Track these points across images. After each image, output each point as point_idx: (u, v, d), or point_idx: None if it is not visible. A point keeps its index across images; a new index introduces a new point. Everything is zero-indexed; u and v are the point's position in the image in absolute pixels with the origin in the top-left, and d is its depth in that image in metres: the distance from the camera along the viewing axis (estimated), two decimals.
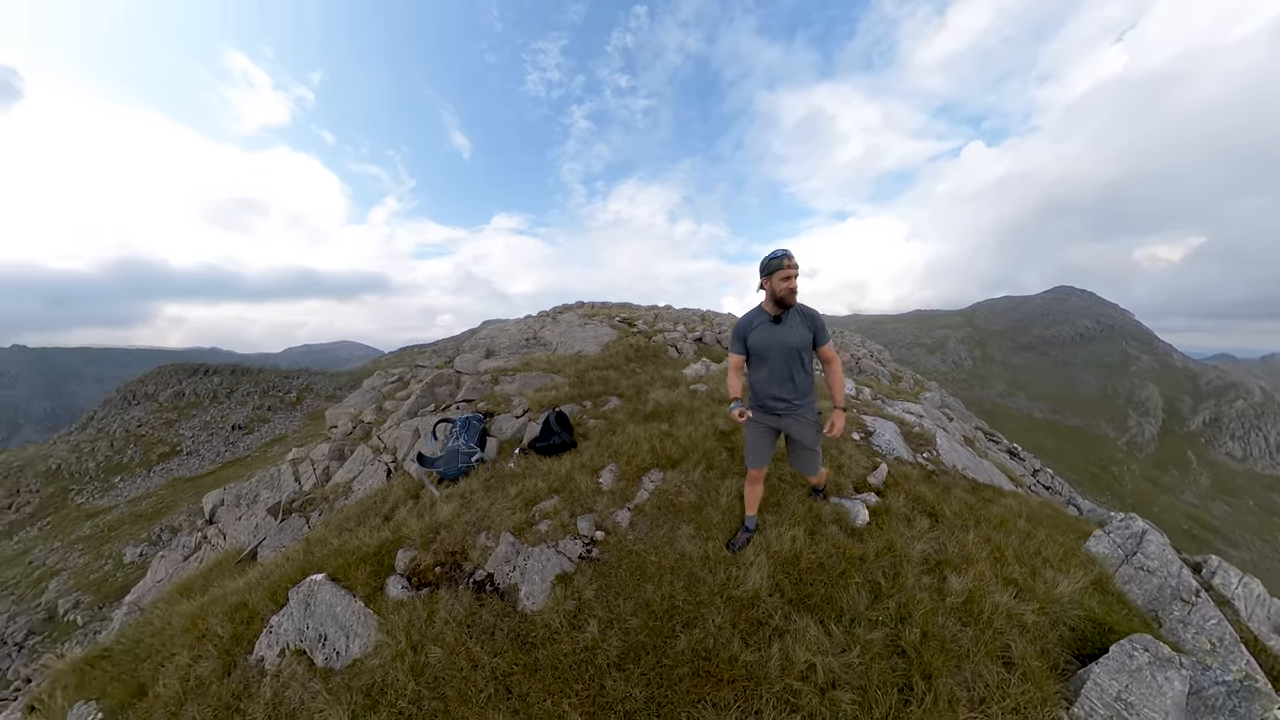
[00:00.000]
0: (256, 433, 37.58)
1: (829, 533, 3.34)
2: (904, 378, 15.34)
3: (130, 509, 26.05)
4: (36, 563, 20.39)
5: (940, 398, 12.41)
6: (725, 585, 2.89)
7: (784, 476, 4.12)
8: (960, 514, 3.69)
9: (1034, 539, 3.37)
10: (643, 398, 5.70)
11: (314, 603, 2.90)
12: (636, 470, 4.08)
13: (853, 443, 5.06)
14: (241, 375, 46.54)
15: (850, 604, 2.72)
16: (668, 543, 3.32)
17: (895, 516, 3.60)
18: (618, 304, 17.45)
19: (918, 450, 5.37)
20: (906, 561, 3.01)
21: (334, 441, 6.05)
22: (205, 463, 32.81)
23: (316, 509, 4.63)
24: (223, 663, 2.80)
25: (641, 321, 11.79)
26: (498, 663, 2.56)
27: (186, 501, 23.97)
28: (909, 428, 5.99)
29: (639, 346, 8.73)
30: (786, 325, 2.83)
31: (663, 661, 2.48)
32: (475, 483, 4.14)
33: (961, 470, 5.05)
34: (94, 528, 23.71)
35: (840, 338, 19.57)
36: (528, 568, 3.09)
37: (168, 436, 36.23)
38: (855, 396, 7.33)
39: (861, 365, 15.02)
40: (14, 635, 14.60)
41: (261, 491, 5.92)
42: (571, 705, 2.29)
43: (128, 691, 2.76)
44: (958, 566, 2.98)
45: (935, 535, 3.35)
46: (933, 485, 4.28)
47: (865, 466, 4.54)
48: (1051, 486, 8.53)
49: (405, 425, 5.52)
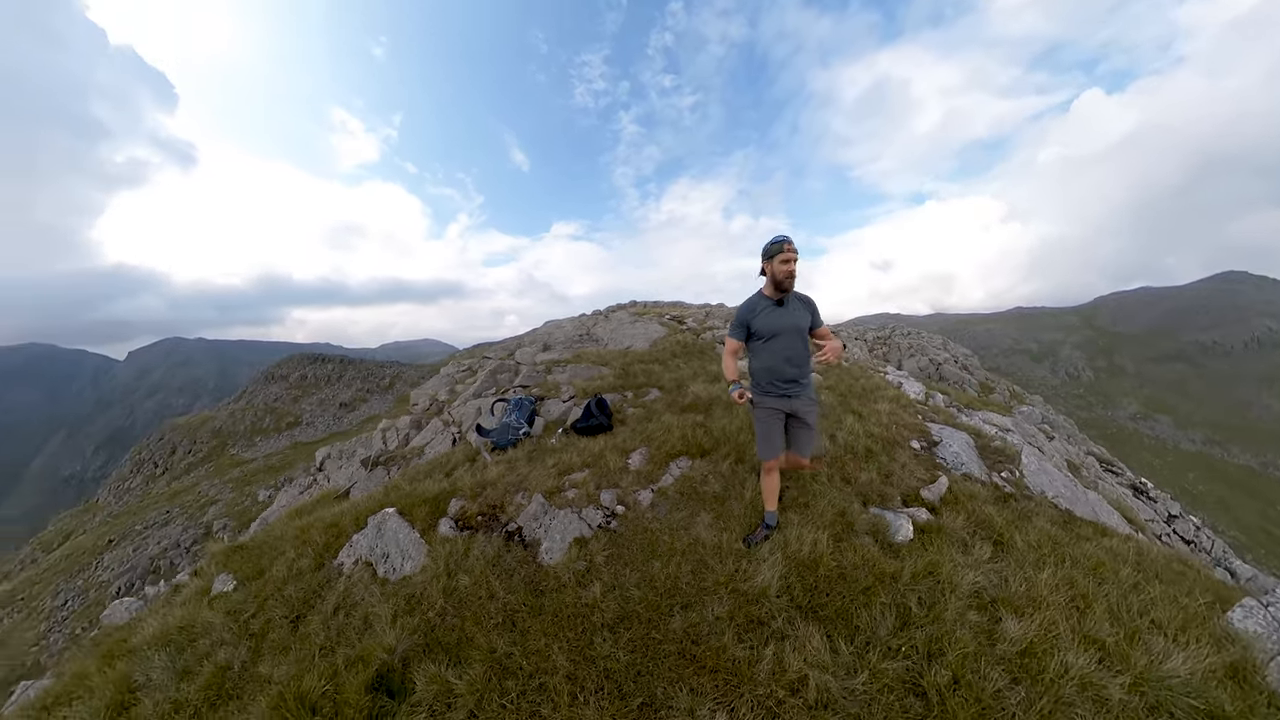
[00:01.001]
0: (357, 410, 43.54)
1: (859, 543, 2.80)
2: (996, 388, 12.44)
3: (265, 462, 32.22)
4: (203, 493, 26.35)
5: (1042, 414, 9.92)
6: (732, 577, 2.58)
7: (819, 478, 3.58)
8: (1037, 547, 2.85)
9: (1141, 594, 2.47)
10: (682, 390, 5.46)
11: (384, 529, 3.24)
12: (665, 455, 3.87)
13: (910, 451, 4.22)
14: (347, 365, 53.79)
15: (868, 624, 2.24)
16: (684, 527, 3.08)
17: (948, 538, 2.89)
18: (669, 303, 16.65)
19: (995, 468, 4.30)
20: (951, 591, 2.40)
21: (414, 415, 6.86)
22: (318, 432, 38.99)
23: (396, 464, 5.27)
24: (315, 561, 3.28)
25: (691, 319, 11.26)
26: (510, 599, 2.62)
27: (302, 460, 28.64)
28: (986, 440, 4.84)
29: (686, 343, 8.36)
30: (790, 308, 2.73)
31: (652, 635, 2.30)
32: (521, 452, 4.30)
33: (1052, 499, 3.94)
34: (240, 473, 29.79)
35: (915, 339, 16.30)
36: (552, 526, 3.10)
37: (293, 410, 43.55)
38: (924, 402, 6.16)
39: (943, 372, 12.53)
40: (185, 541, 19.89)
41: (358, 449, 6.94)
42: (560, 649, 2.26)
43: (253, 571, 3.40)
44: (1019, 609, 2.29)
45: (997, 567, 2.62)
46: (1006, 509, 3.38)
47: (921, 478, 3.75)
48: (1195, 541, 6.24)
49: (470, 404, 6.01)
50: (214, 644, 2.78)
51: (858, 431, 4.41)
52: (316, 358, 54.10)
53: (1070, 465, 6.03)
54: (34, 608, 18.74)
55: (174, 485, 31.21)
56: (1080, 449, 8.70)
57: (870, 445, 4.17)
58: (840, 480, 3.58)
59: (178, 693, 2.44)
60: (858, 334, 16.36)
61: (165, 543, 20.04)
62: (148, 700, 2.45)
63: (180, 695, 2.42)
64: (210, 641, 2.80)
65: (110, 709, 2.46)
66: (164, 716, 2.33)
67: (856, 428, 4.49)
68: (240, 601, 3.05)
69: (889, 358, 13.49)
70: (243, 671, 2.53)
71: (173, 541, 19.96)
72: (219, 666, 2.56)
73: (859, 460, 3.92)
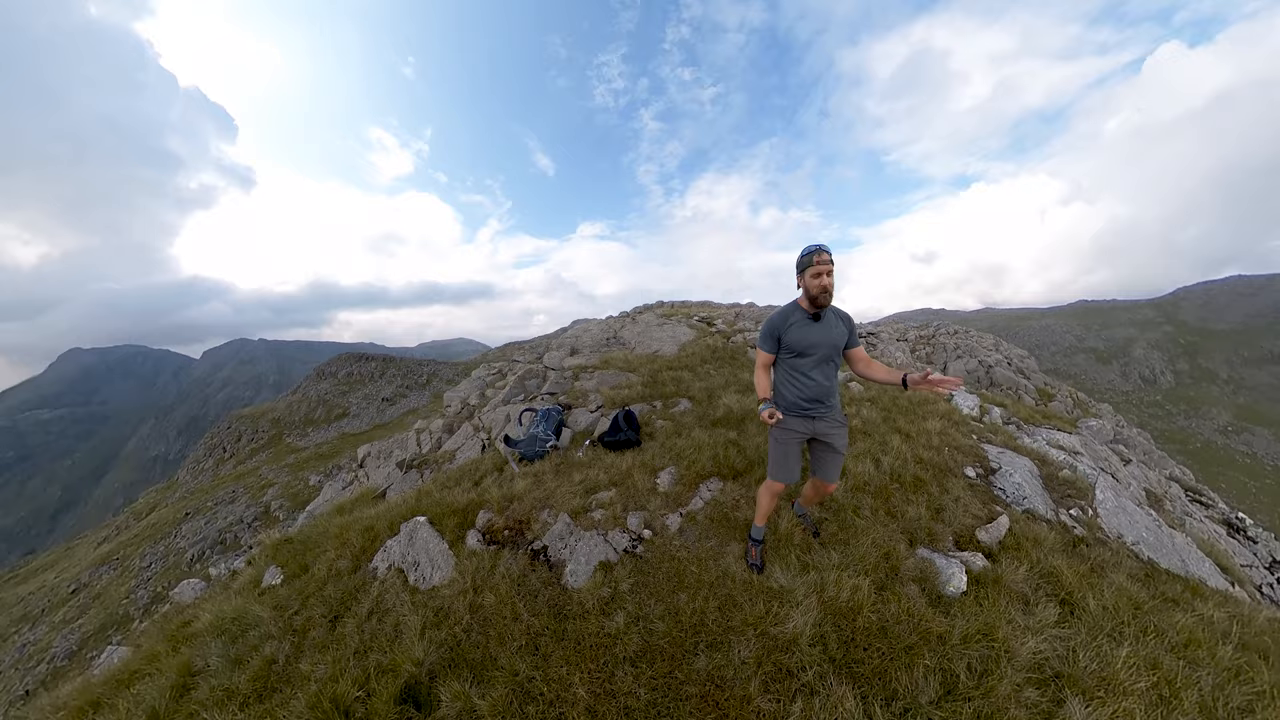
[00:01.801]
0: (398, 405, 47.50)
1: (905, 592, 2.62)
2: (1057, 395, 11.27)
3: (315, 450, 35.79)
4: (263, 476, 29.79)
5: (1114, 428, 8.96)
6: (762, 618, 2.47)
7: (862, 510, 3.37)
8: (1114, 612, 2.56)
9: (1244, 684, 2.16)
10: (714, 402, 5.28)
11: (415, 537, 3.37)
12: (695, 476, 3.76)
13: (964, 481, 3.90)
14: (389, 363, 58.42)
15: (908, 689, 2.09)
16: (713, 557, 2.99)
17: (1007, 593, 2.65)
18: (697, 303, 16.24)
19: (1063, 503, 3.91)
20: (1008, 660, 2.19)
21: (446, 418, 7.13)
22: (363, 424, 42.92)
23: (429, 468, 5.49)
24: (353, 563, 3.47)
25: (721, 321, 10.93)
26: (533, 622, 2.64)
27: (349, 449, 32.03)
28: (1054, 469, 4.41)
29: (716, 347, 8.12)
30: (827, 323, 2.54)
31: (675, 673, 2.25)
32: (548, 465, 4.33)
33: (1131, 545, 3.54)
34: (294, 459, 33.42)
35: (963, 339, 14.88)
36: (577, 548, 3.10)
37: (341, 403, 48.03)
38: (979, 418, 5.68)
39: (994, 376, 11.45)
40: (247, 518, 22.66)
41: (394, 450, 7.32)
42: (580, 680, 2.25)
43: (298, 567, 3.64)
44: (1088, 691, 2.06)
45: (1064, 635, 2.37)
46: (1077, 560, 3.06)
47: (977, 515, 3.46)
48: None
49: (500, 410, 6.13)
50: (262, 637, 3.00)
51: (905, 456, 4.12)
52: (361, 356, 58.67)
53: (1150, 496, 5.44)
54: (126, 566, 22.13)
55: (239, 468, 35.07)
56: (1161, 473, 7.83)
57: (919, 473, 3.90)
58: (885, 514, 3.36)
59: (230, 680, 2.66)
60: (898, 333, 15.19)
61: (231, 518, 22.96)
62: (205, 685, 2.68)
63: (232, 684, 2.63)
64: (259, 634, 3.03)
65: (174, 690, 2.72)
66: (217, 703, 2.53)
67: (904, 451, 4.20)
68: (286, 597, 3.29)
69: (933, 359, 12.49)
70: (286, 666, 2.71)
71: (237, 517, 22.83)
72: (266, 660, 2.76)
73: (906, 490, 3.67)
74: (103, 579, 21.62)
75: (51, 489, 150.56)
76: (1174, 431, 61.47)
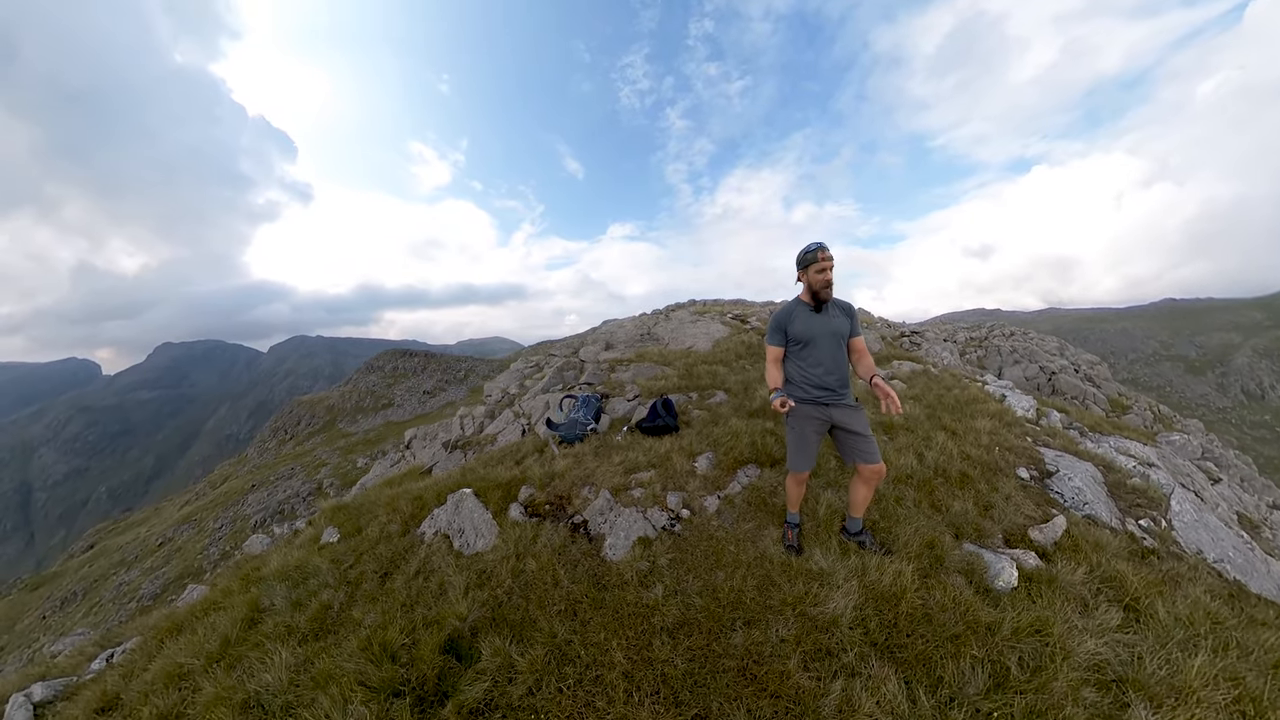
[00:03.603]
0: (438, 397, 52.13)
1: (950, 582, 2.61)
2: (1133, 407, 10.34)
3: (364, 436, 40.05)
4: (317, 457, 33.83)
5: (1202, 445, 8.24)
6: (801, 599, 2.54)
7: (904, 500, 3.36)
8: (1188, 623, 2.45)
9: None
10: (750, 394, 5.37)
11: (461, 507, 3.64)
12: (733, 462, 3.86)
13: (1016, 481, 3.79)
14: (430, 359, 64.17)
15: (955, 678, 2.10)
16: (750, 539, 3.07)
17: (1063, 592, 2.60)
18: (730, 301, 16.23)
19: (1131, 512, 3.73)
20: (1064, 657, 2.16)
21: (488, 406, 7.60)
22: (406, 414, 47.27)
23: (472, 449, 5.90)
24: (403, 527, 3.79)
25: (755, 318, 10.94)
26: (573, 589, 2.81)
27: (393, 436, 35.56)
28: (1120, 476, 4.19)
29: (751, 344, 8.14)
30: (828, 314, 2.76)
31: (713, 647, 2.35)
32: (588, 448, 4.54)
33: (1213, 562, 3.35)
34: (345, 443, 37.59)
35: (1021, 341, 13.68)
36: (617, 523, 3.26)
37: (387, 394, 53.26)
38: (1035, 421, 5.44)
39: (1057, 383, 10.60)
40: (303, 492, 26.12)
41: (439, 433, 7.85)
42: (619, 646, 2.38)
43: (352, 528, 4.03)
44: (1156, 698, 2.01)
45: (1128, 640, 2.31)
46: (1144, 568, 2.93)
47: (1030, 515, 3.37)
48: None
49: (539, 398, 6.47)
50: (320, 585, 3.35)
51: (951, 452, 4.05)
52: (405, 352, 65.06)
53: (1244, 520, 5.03)
54: (202, 527, 26.14)
55: (297, 449, 39.97)
56: (1262, 499, 7.15)
57: (966, 469, 3.82)
58: (929, 506, 3.34)
59: (290, 619, 3.00)
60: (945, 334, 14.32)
61: (289, 492, 26.53)
62: (269, 621, 3.05)
63: (292, 622, 2.98)
64: (317, 582, 3.38)
65: (244, 622, 3.10)
66: (279, 636, 2.85)
67: (950, 447, 4.12)
68: (342, 552, 3.64)
69: (985, 363, 11.69)
70: (340, 612, 3.02)
71: (294, 492, 26.32)
72: (322, 604, 3.09)
73: (951, 485, 3.62)
74: (183, 535, 25.79)
75: (146, 458, 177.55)
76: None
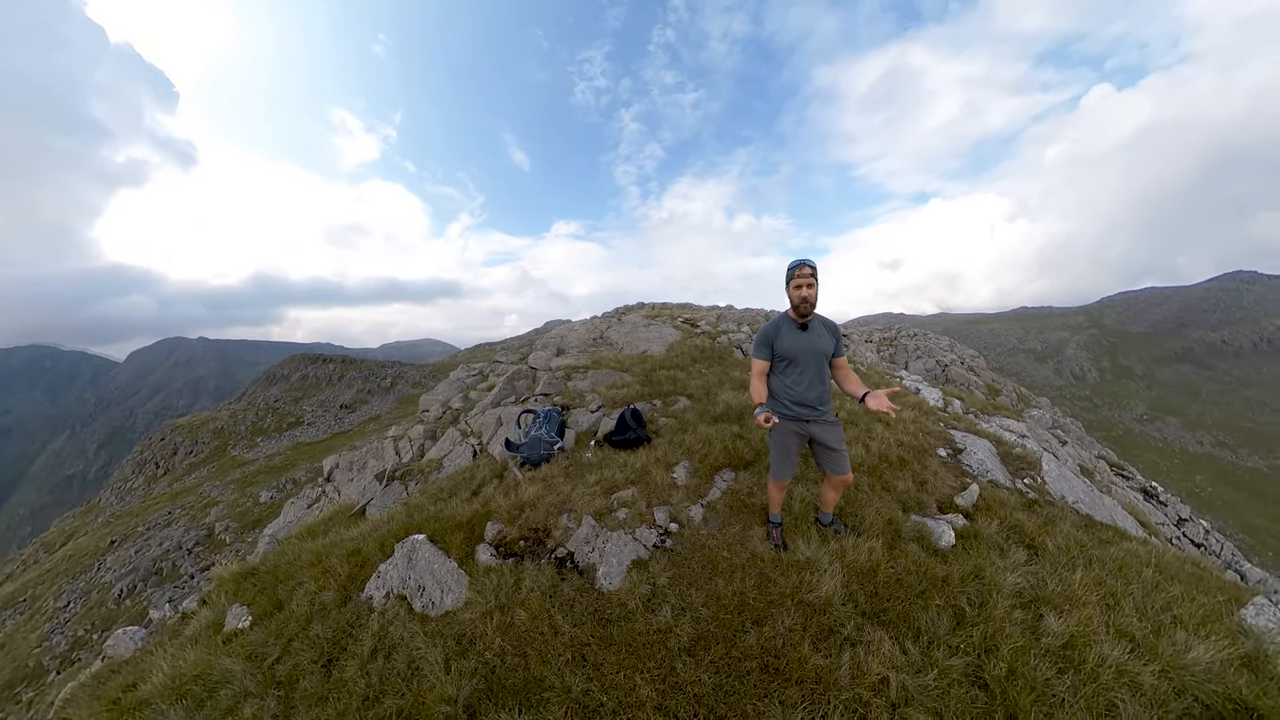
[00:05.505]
0: (358, 411, 47.57)
1: (909, 550, 3.33)
2: (1003, 390, 13.92)
3: (266, 462, 34.79)
4: (204, 494, 28.60)
5: (1052, 417, 11.20)
6: (797, 589, 3.01)
7: (861, 486, 4.12)
8: (1066, 550, 3.48)
9: (1163, 593, 3.07)
10: (712, 399, 5.91)
11: (415, 558, 3.45)
12: (709, 469, 4.28)
13: (938, 460, 4.87)
14: (348, 365, 58.56)
15: (929, 625, 2.73)
16: (739, 541, 3.49)
17: (986, 543, 3.49)
18: (679, 304, 17.77)
19: (1018, 474, 5.04)
20: (996, 592, 2.94)
21: (427, 424, 7.08)
22: (319, 432, 42.45)
23: (414, 479, 5.44)
24: (340, 595, 3.43)
25: (704, 322, 12.07)
26: (576, 632, 2.84)
27: (304, 461, 31.78)
28: (1007, 448, 5.60)
29: (704, 348, 8.95)
30: (814, 332, 3.04)
31: (732, 653, 2.64)
32: (556, 469, 4.58)
33: (1073, 504, 4.68)
34: (241, 474, 32.44)
35: (923, 340, 18.12)
36: (606, 550, 3.41)
37: (295, 410, 47.56)
38: (943, 409, 6.93)
39: (949, 374, 13.85)
40: (187, 543, 21.53)
41: (369, 460, 7.07)
42: (643, 681, 2.48)
43: (269, 604, 3.49)
44: (1058, 607, 2.86)
45: (1033, 570, 3.20)
46: (1034, 515, 4.04)
47: (953, 486, 4.38)
48: (1205, 544, 7.33)
49: (489, 414, 6.27)
50: (237, 696, 2.85)
51: (889, 440, 5.02)
52: (317, 358, 58.45)
53: (1084, 470, 6.99)
54: (37, 609, 20.21)
55: (175, 486, 33.75)
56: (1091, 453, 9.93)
57: (903, 454, 4.79)
58: (881, 489, 4.14)
59: None
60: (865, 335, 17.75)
61: (167, 544, 21.68)
62: None
63: None
64: (233, 693, 2.88)
65: None
66: None
67: (887, 437, 5.10)
68: (261, 642, 3.17)
69: (895, 359, 14.73)
70: None
71: (175, 543, 21.58)
72: None
73: (894, 469, 4.51)
74: (6, 625, 20.06)
75: None
76: (1099, 421, 75.41)
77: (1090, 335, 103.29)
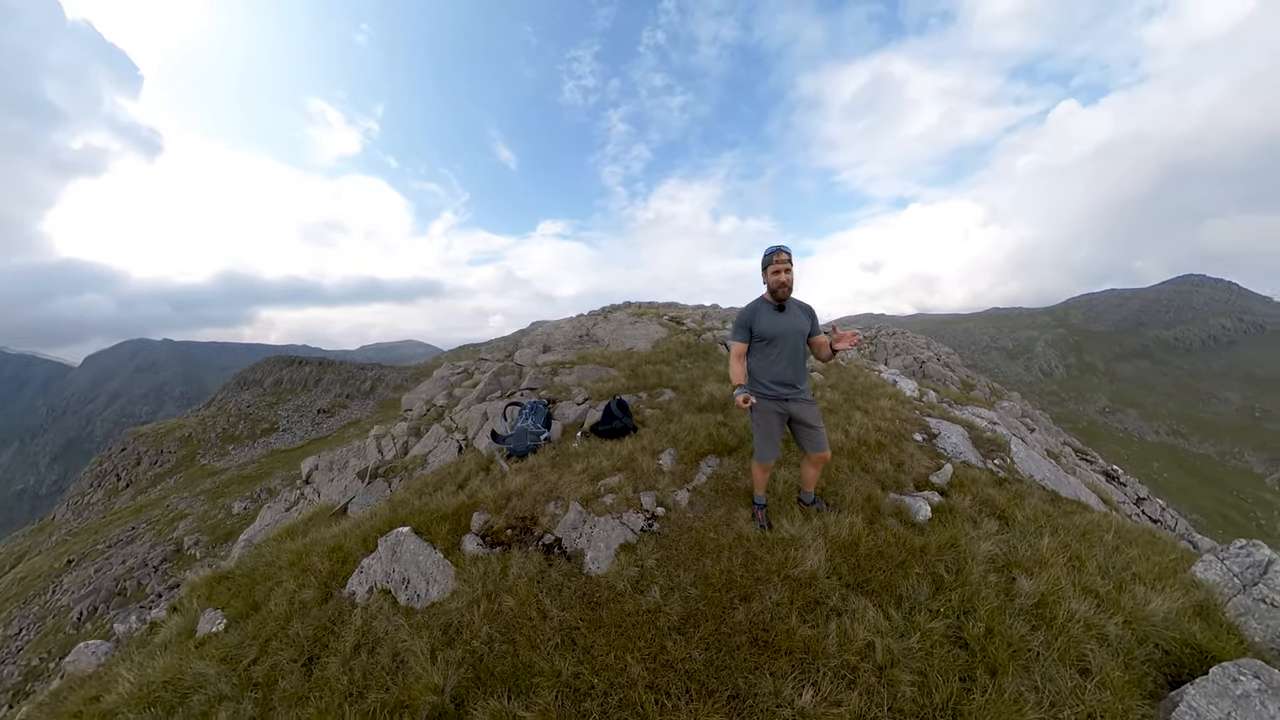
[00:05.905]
0: (336, 416, 45.80)
1: (888, 524, 3.46)
2: (977, 385, 14.57)
3: (239, 471, 33.26)
4: (171, 507, 26.94)
5: (1022, 408, 11.77)
6: (782, 565, 3.09)
7: (841, 468, 4.24)
8: (1034, 520, 3.68)
9: (1123, 555, 3.29)
10: (696, 390, 6.03)
11: (400, 551, 3.39)
12: (695, 455, 4.36)
13: (914, 443, 5.06)
14: (326, 367, 56.48)
15: (910, 592, 2.85)
16: (725, 523, 3.56)
17: (960, 516, 3.65)
18: (664, 303, 18.04)
19: (988, 456, 5.27)
20: (971, 559, 3.08)
21: (411, 421, 6.98)
22: (296, 439, 40.57)
23: (397, 476, 5.35)
24: (321, 592, 3.35)
25: (690, 320, 12.36)
26: (565, 616, 2.85)
27: (280, 469, 30.45)
28: (979, 432, 5.86)
29: (689, 344, 9.13)
30: (790, 313, 3.18)
31: (721, 629, 2.70)
32: (543, 459, 4.59)
33: (1040, 481, 4.93)
34: (212, 484, 30.78)
35: (901, 339, 18.90)
36: (594, 535, 3.44)
37: (269, 415, 45.39)
38: (919, 399, 7.20)
39: (926, 369, 14.44)
40: (153, 559, 20.11)
41: (350, 460, 6.89)
42: (634, 659, 2.52)
43: (245, 605, 3.38)
44: (1029, 569, 3.02)
45: (1004, 538, 3.38)
46: (1003, 491, 4.25)
47: (928, 466, 4.56)
48: (1161, 520, 7.81)
49: (475, 409, 6.23)
50: (211, 700, 2.75)
51: (867, 426, 5.19)
52: (293, 360, 56.02)
53: (1050, 454, 7.34)
54: None
55: (139, 499, 31.77)
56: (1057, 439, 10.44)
57: (880, 439, 4.96)
58: (860, 470, 4.28)
59: None
60: None
61: (131, 562, 20.18)
62: None
63: None
64: (206, 697, 2.78)
65: None
66: None
67: (865, 423, 5.27)
68: (236, 644, 3.07)
69: (876, 357, 15.30)
70: None
71: (139, 560, 20.10)
72: None
73: (872, 451, 4.67)
74: None
75: None
76: (1065, 413, 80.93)
77: (1057, 334, 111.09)
